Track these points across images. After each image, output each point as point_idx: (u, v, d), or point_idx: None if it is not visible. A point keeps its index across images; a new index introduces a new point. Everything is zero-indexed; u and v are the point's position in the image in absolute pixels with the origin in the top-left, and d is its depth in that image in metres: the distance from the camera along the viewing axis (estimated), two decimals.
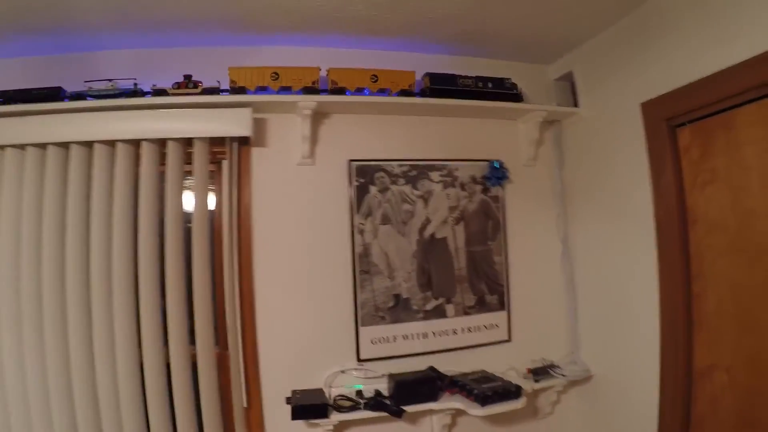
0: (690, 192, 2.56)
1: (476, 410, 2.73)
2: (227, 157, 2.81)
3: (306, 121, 2.87)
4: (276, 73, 2.87)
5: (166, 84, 2.73)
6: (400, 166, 3.14)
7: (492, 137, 3.39)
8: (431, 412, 2.95)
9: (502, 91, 3.19)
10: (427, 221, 3.18)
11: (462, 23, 2.90)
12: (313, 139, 3.00)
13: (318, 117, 3.00)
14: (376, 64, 3.04)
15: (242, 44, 3.03)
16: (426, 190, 3.19)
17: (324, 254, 3.00)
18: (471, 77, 3.13)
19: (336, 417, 2.69)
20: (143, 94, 2.73)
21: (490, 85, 3.17)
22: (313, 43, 3.08)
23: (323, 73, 2.92)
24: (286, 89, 2.87)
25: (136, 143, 2.64)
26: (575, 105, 3.33)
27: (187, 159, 2.73)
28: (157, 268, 2.61)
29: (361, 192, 3.06)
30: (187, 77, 2.78)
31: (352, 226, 3.04)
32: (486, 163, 3.31)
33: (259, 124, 2.91)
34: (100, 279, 2.52)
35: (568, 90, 3.41)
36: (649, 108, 2.73)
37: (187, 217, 2.73)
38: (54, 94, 2.67)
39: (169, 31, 2.85)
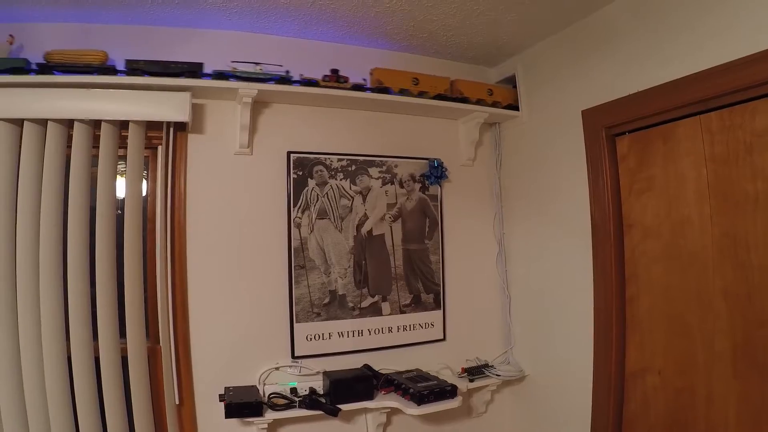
0: (626, 198, 2.70)
1: (412, 409, 2.77)
2: (163, 142, 2.74)
3: (246, 109, 2.83)
4: (416, 79, 3.13)
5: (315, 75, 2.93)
6: (339, 160, 3.14)
7: (432, 136, 3.45)
8: (366, 410, 2.98)
9: None
10: (365, 217, 3.20)
11: (407, 19, 2.93)
12: (252, 129, 2.96)
13: (258, 106, 2.97)
14: (319, 55, 3.07)
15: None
16: (364, 186, 3.21)
17: (260, 247, 2.97)
18: None
19: (270, 415, 2.67)
20: (290, 81, 2.87)
21: None
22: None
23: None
24: (422, 94, 3.15)
25: (68, 123, 2.53)
26: (516, 108, 3.42)
27: (122, 143, 2.64)
28: (86, 256, 2.51)
29: (299, 185, 3.05)
30: (335, 71, 2.99)
31: (289, 219, 3.02)
32: (425, 161, 3.37)
33: (197, 110, 2.85)
34: (26, 267, 2.39)
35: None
36: (590, 115, 2.85)
37: (119, 204, 2.65)
38: (195, 69, 2.70)
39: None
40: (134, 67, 2.59)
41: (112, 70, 2.58)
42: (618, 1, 2.68)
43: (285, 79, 2.83)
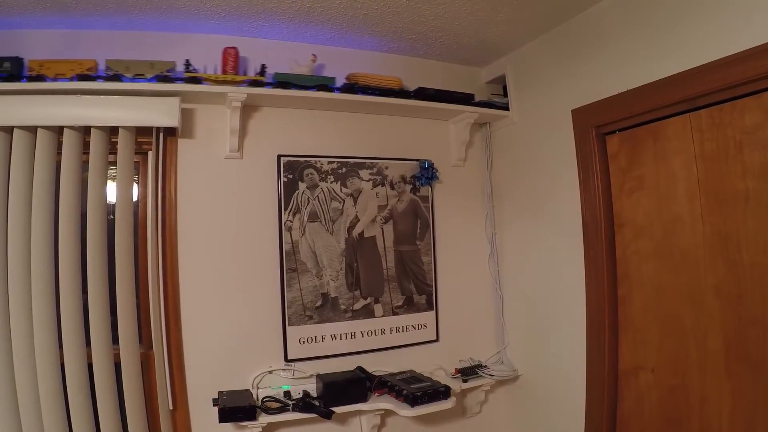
0: (617, 197, 2.70)
1: (406, 411, 2.77)
2: (153, 147, 2.73)
3: (235, 114, 2.82)
4: None
5: None
6: (330, 163, 3.14)
7: (423, 137, 3.45)
8: (360, 412, 2.98)
9: None
10: (356, 220, 3.20)
11: (396, 21, 2.93)
12: (242, 133, 2.95)
13: (247, 110, 2.97)
14: (306, 56, 3.04)
15: None
16: (355, 188, 3.20)
17: (251, 251, 2.96)
18: None
19: (264, 419, 2.66)
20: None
21: None
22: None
23: None
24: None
25: (58, 130, 2.51)
26: (506, 107, 3.43)
27: (112, 148, 2.62)
28: (78, 262, 2.49)
29: (290, 188, 3.04)
30: None
31: (280, 222, 3.01)
32: (416, 162, 3.37)
33: (186, 115, 2.84)
34: (17, 274, 2.37)
35: (500, 93, 3.56)
36: (580, 115, 2.85)
37: (110, 210, 2.63)
38: (468, 98, 3.33)
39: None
40: (423, 94, 3.16)
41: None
42: (607, 0, 2.68)
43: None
